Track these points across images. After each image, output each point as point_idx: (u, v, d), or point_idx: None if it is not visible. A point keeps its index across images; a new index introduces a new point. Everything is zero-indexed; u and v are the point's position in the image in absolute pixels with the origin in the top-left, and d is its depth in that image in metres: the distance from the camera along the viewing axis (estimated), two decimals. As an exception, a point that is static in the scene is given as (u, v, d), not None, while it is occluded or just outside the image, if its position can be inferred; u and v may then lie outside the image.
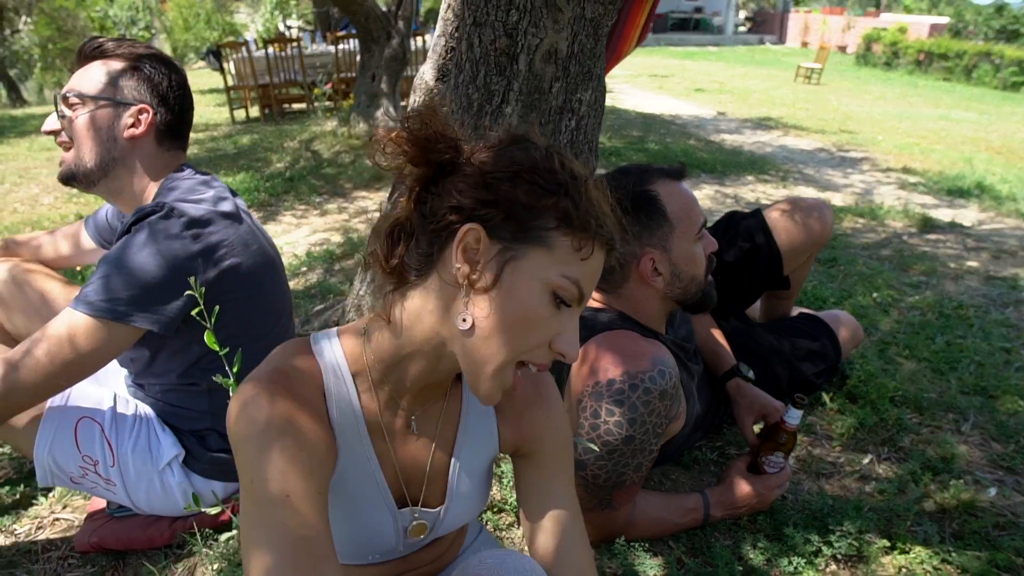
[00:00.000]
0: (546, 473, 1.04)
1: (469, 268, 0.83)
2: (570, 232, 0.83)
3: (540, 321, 0.83)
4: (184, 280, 1.36)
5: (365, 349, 0.92)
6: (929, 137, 9.29)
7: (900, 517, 1.75)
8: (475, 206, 0.82)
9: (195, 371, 1.54)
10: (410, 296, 0.88)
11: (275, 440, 0.80)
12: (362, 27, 7.13)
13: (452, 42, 1.86)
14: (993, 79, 17.55)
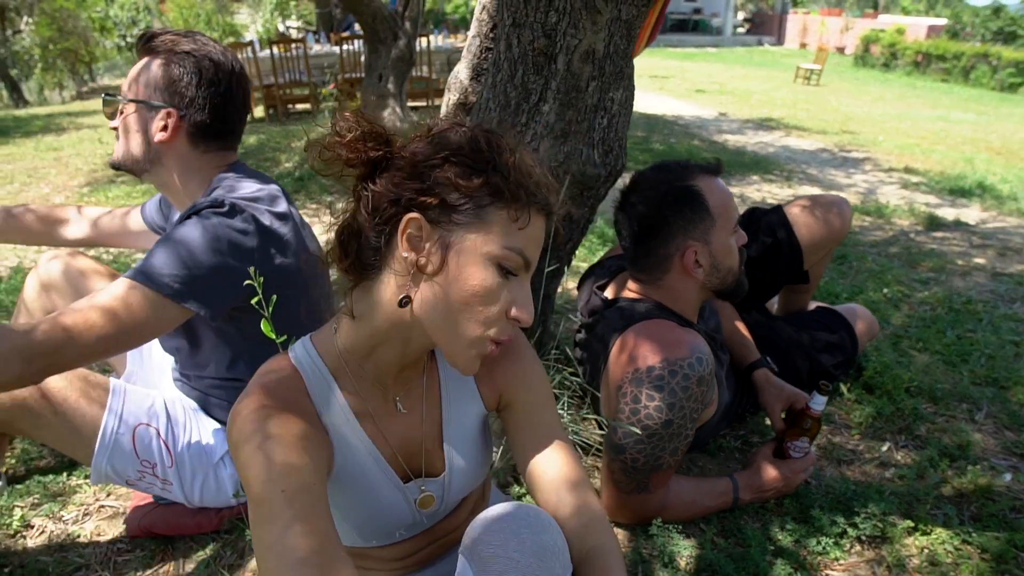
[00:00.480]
0: (528, 414, 1.10)
1: (415, 255, 0.89)
2: (504, 205, 0.89)
3: (491, 293, 0.89)
4: (234, 273, 1.41)
5: (337, 346, 0.99)
6: (929, 138, 9.37)
7: (920, 501, 1.81)
8: (411, 196, 0.88)
9: (239, 367, 1.59)
10: (368, 289, 0.95)
11: (266, 443, 0.85)
12: (369, 28, 7.18)
13: (487, 42, 1.93)
14: (991, 80, 17.66)
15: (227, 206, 1.43)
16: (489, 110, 1.74)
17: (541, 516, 0.93)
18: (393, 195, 0.89)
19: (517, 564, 0.87)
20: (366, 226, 0.92)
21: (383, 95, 7.45)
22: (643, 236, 1.61)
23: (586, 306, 1.80)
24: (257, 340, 1.54)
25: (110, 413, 1.50)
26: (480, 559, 0.89)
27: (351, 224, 0.94)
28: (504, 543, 0.89)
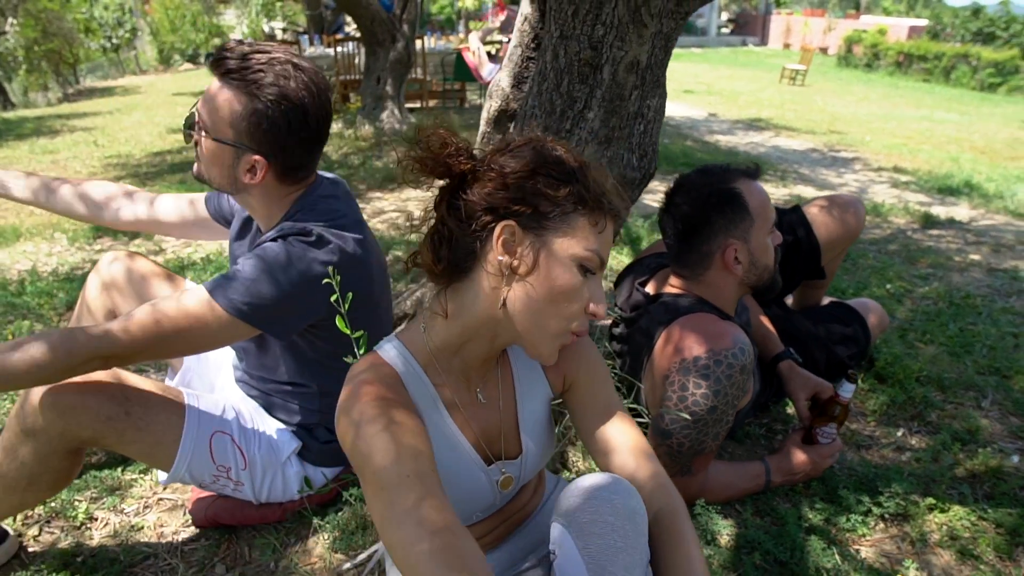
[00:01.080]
0: (592, 392, 1.21)
1: (510, 258, 1.00)
2: (586, 212, 1.01)
3: (574, 291, 1.01)
4: (311, 302, 1.48)
5: (428, 343, 1.09)
6: (915, 137, 9.59)
7: (936, 481, 1.94)
8: (506, 205, 0.99)
9: (307, 373, 1.67)
10: (460, 290, 1.05)
11: (391, 427, 0.94)
12: (367, 30, 7.26)
13: (528, 52, 2.03)
14: (971, 80, 17.99)
15: (315, 236, 1.47)
16: (535, 116, 1.84)
17: (626, 483, 1.04)
18: (487, 204, 1.00)
19: (613, 527, 0.98)
20: (458, 232, 1.02)
21: (381, 97, 7.54)
22: (687, 234, 1.72)
23: (627, 301, 1.91)
24: (325, 353, 1.63)
25: (188, 426, 1.56)
26: (578, 525, 0.99)
27: (441, 231, 1.05)
28: (599, 509, 0.99)
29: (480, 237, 1.01)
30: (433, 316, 1.10)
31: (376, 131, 7.32)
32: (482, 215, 1.00)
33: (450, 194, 1.03)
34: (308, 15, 13.44)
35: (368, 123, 7.42)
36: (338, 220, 1.55)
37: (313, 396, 1.70)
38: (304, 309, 1.50)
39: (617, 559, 0.96)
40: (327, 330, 1.57)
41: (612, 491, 1.01)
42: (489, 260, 1.01)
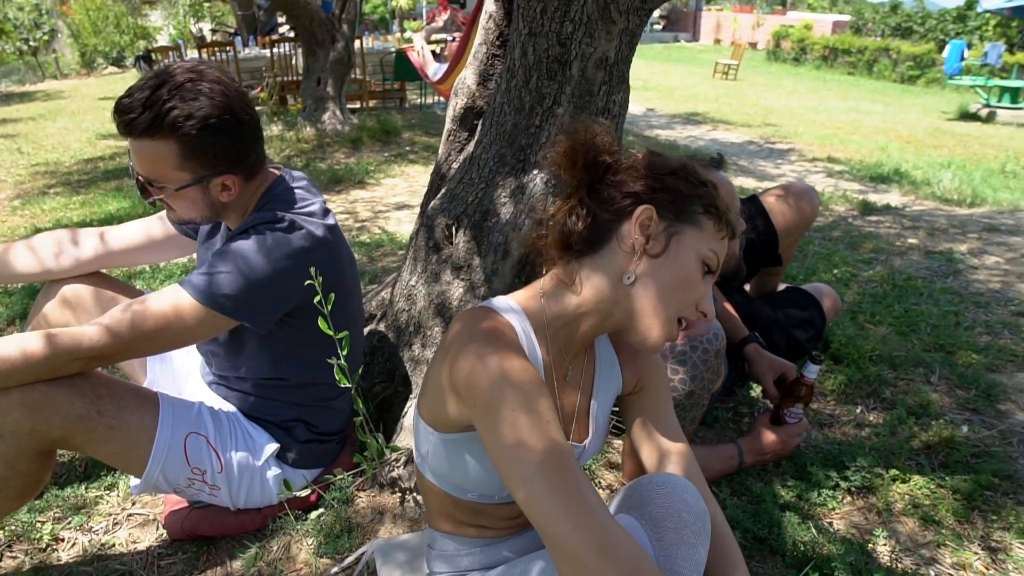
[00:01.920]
0: (656, 401, 1.27)
1: (644, 239, 1.07)
2: (713, 216, 1.10)
3: (694, 283, 1.08)
4: (289, 289, 1.49)
5: (544, 310, 1.13)
6: (845, 128, 9.96)
7: (896, 454, 2.03)
8: (646, 191, 1.09)
9: (283, 366, 1.65)
10: (590, 263, 1.11)
11: (535, 392, 0.94)
12: (306, 30, 7.16)
13: (493, 49, 2.05)
14: (892, 73, 18.76)
15: (286, 222, 1.49)
16: (504, 113, 1.85)
17: (693, 486, 1.09)
18: (630, 189, 1.09)
19: (687, 523, 1.03)
20: (598, 210, 1.10)
21: (322, 98, 7.44)
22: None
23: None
24: (300, 343, 1.63)
25: (163, 425, 1.52)
26: (652, 518, 1.03)
27: (579, 210, 1.11)
28: (673, 505, 1.04)
29: (620, 215, 1.09)
30: (556, 284, 1.14)
31: (318, 133, 7.22)
32: (623, 198, 1.09)
33: (594, 180, 1.12)
34: (240, 15, 13.12)
35: (309, 125, 7.31)
36: (306, 207, 1.57)
37: (291, 389, 1.68)
38: (281, 296, 1.49)
39: (688, 555, 1.00)
40: (303, 318, 1.57)
41: (685, 490, 1.06)
42: (623, 238, 1.08)
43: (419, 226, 2.09)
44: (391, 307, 2.13)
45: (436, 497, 1.22)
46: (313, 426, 1.73)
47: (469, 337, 1.01)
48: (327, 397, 1.73)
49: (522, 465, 0.88)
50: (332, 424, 1.78)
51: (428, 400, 1.12)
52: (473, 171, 1.94)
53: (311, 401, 1.71)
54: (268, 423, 1.71)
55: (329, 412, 1.75)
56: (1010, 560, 1.70)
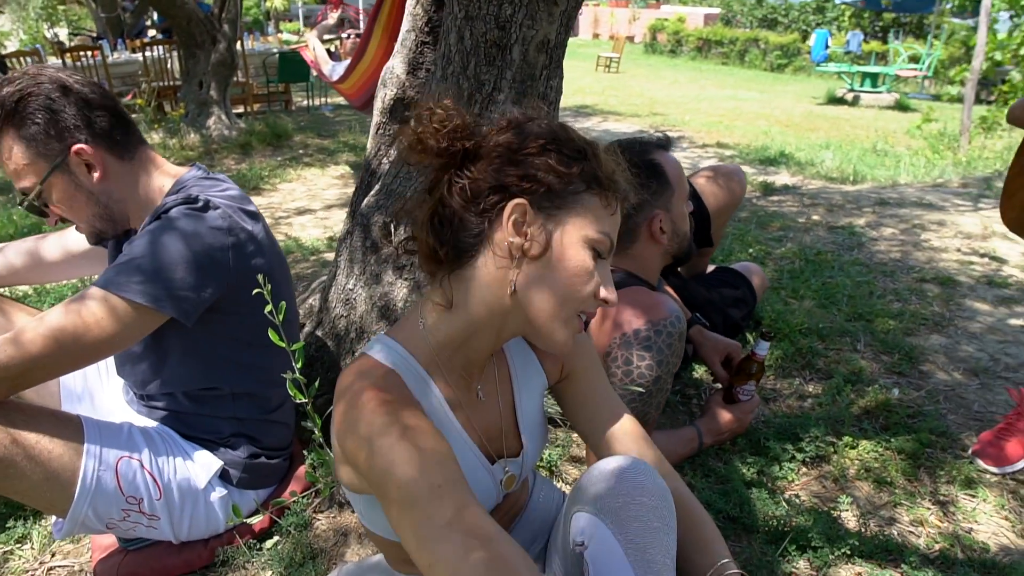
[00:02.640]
0: (589, 384, 1.19)
1: (521, 239, 0.94)
2: (598, 191, 0.97)
3: (587, 273, 0.96)
4: (213, 272, 1.36)
5: (428, 339, 1.01)
6: (728, 115, 10.37)
7: (841, 421, 2.09)
8: (515, 183, 0.93)
9: (213, 374, 1.51)
10: (465, 277, 0.98)
11: (408, 434, 0.85)
12: (183, 31, 6.75)
13: (422, 36, 1.95)
14: (762, 62, 19.75)
15: (201, 202, 1.38)
16: (441, 103, 1.77)
17: (648, 464, 1.00)
18: (493, 182, 0.93)
19: (649, 508, 0.94)
20: (463, 212, 0.95)
21: (206, 103, 7.04)
22: (613, 210, 1.73)
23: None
24: (229, 346, 1.49)
25: (88, 453, 1.35)
26: (611, 510, 0.94)
27: (442, 212, 0.97)
28: (630, 492, 0.95)
29: (488, 218, 0.94)
30: (433, 308, 1.01)
31: (204, 139, 6.83)
32: (490, 194, 0.94)
33: (453, 172, 0.96)
34: (103, 18, 12.27)
35: (194, 131, 6.91)
36: (225, 191, 1.46)
37: (225, 400, 1.54)
38: (205, 280, 1.35)
39: (657, 540, 0.93)
40: (231, 313, 1.44)
41: (640, 472, 0.98)
42: (497, 242, 0.94)
43: (352, 226, 1.98)
44: (326, 314, 2.00)
45: (391, 547, 1.12)
46: (257, 440, 1.59)
47: (345, 401, 0.93)
48: (268, 409, 1.60)
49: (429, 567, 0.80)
50: (277, 438, 1.64)
51: (339, 466, 1.01)
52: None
53: (250, 414, 1.57)
54: (206, 441, 1.55)
55: (272, 426, 1.62)
56: (959, 511, 1.77)
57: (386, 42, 4.18)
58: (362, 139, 6.95)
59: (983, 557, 1.62)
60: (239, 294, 1.42)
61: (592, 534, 0.95)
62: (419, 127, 0.95)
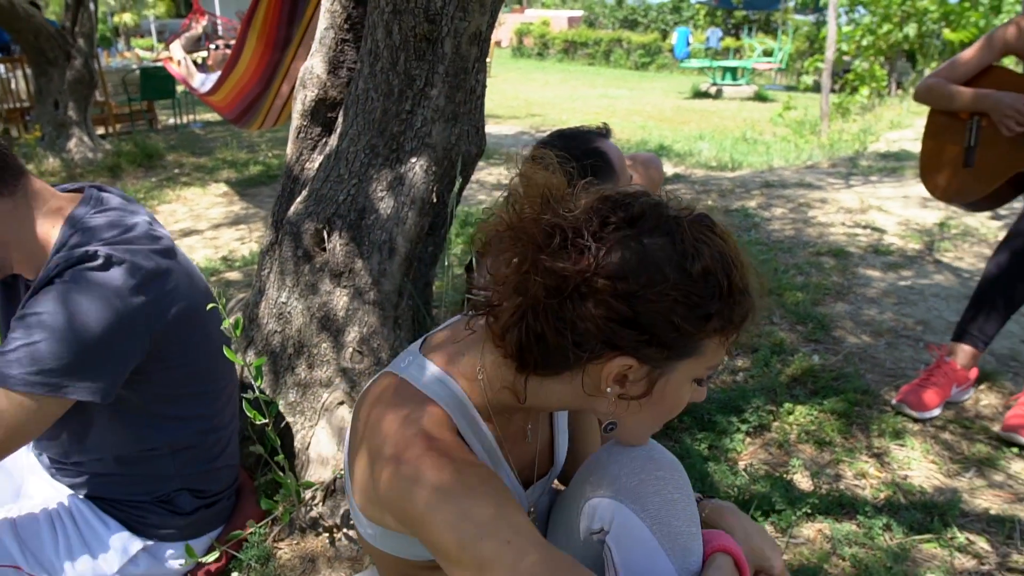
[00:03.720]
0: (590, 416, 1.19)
1: (620, 387, 0.84)
2: (722, 335, 0.83)
3: (683, 404, 0.91)
4: (127, 341, 1.19)
5: (486, 393, 0.92)
6: (602, 112, 10.69)
7: (774, 390, 2.19)
8: (629, 344, 0.79)
9: (150, 435, 1.34)
10: (545, 382, 0.87)
11: (469, 495, 0.78)
12: (32, 47, 6.23)
13: (342, 33, 1.88)
14: (627, 61, 20.48)
15: (100, 259, 1.17)
16: (371, 99, 1.70)
17: (651, 440, 0.99)
18: (607, 337, 0.79)
19: (665, 480, 0.93)
20: (557, 343, 0.82)
21: (63, 124, 6.53)
22: (559, 200, 1.72)
23: (493, 280, 1.86)
24: (163, 399, 1.34)
25: None
26: (628, 490, 0.92)
27: (533, 326, 0.82)
28: (643, 467, 0.94)
29: (588, 359, 0.82)
30: (496, 371, 0.90)
31: (65, 163, 6.32)
32: (600, 347, 0.80)
33: (555, 299, 0.79)
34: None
35: (52, 155, 6.38)
36: (123, 233, 1.24)
37: (163, 458, 1.37)
38: (121, 351, 1.19)
39: (678, 511, 0.92)
40: (157, 372, 1.28)
41: (650, 447, 0.97)
42: (589, 372, 0.83)
43: (278, 237, 1.87)
44: (257, 331, 1.88)
45: (390, 563, 1.04)
46: (201, 492, 1.44)
47: (394, 446, 0.83)
48: (212, 457, 1.44)
49: None
50: (223, 482, 1.50)
51: (361, 496, 0.94)
52: (341, 167, 1.76)
53: (193, 467, 1.41)
54: (138, 503, 1.38)
55: (217, 472, 1.47)
56: (893, 461, 1.89)
57: (261, 50, 4.00)
58: (240, 155, 6.65)
59: (923, 499, 1.73)
60: (163, 349, 1.26)
61: (611, 518, 0.93)
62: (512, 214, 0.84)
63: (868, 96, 8.66)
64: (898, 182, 4.71)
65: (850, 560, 1.53)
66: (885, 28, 9.12)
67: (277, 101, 4.28)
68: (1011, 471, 1.86)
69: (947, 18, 9.00)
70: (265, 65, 4.01)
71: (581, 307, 0.79)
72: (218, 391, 1.43)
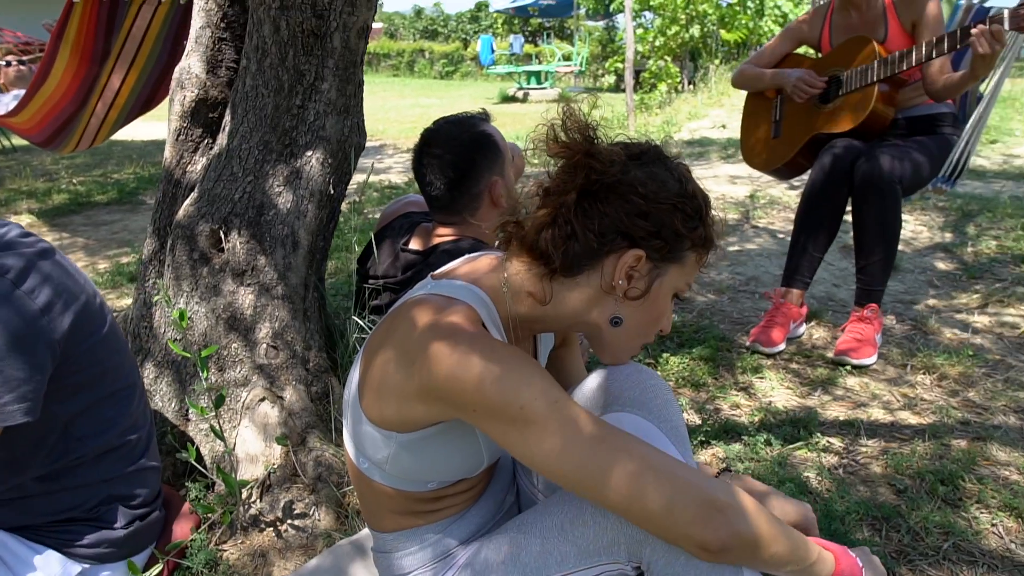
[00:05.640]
0: (572, 349, 1.34)
1: (627, 284, 1.00)
2: (700, 250, 1.03)
3: (665, 315, 1.07)
4: (36, 347, 1.14)
5: (509, 306, 1.05)
6: (419, 120, 10.82)
7: (646, 347, 2.42)
8: (643, 236, 0.98)
9: (73, 445, 1.28)
10: (565, 286, 1.02)
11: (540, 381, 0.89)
12: None
13: (219, 32, 1.85)
14: (431, 71, 20.79)
15: None
16: (261, 96, 1.70)
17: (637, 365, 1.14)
18: (623, 228, 0.97)
19: (659, 386, 1.09)
20: (586, 240, 0.98)
21: None
22: (458, 181, 1.80)
23: (394, 265, 1.91)
24: (85, 405, 1.28)
25: None
26: (634, 400, 1.05)
27: (564, 226, 0.99)
28: (639, 380, 1.08)
29: (606, 251, 0.98)
30: (522, 289, 1.03)
31: None
32: (618, 238, 0.97)
33: (584, 200, 0.98)
34: None
35: None
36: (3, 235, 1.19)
37: (87, 466, 1.30)
38: (33, 362, 1.13)
39: (673, 408, 1.07)
40: (70, 373, 1.23)
41: (636, 363, 1.11)
42: (604, 272, 1.00)
43: (173, 241, 1.79)
44: (154, 342, 1.81)
45: (387, 498, 1.10)
46: (127, 499, 1.37)
47: (436, 335, 0.92)
48: (135, 457, 1.38)
49: (590, 472, 0.86)
50: (149, 487, 1.42)
51: (380, 405, 1.00)
52: (233, 165, 1.75)
53: (117, 469, 1.35)
54: (66, 523, 1.31)
55: (141, 474, 1.40)
56: (757, 391, 2.18)
57: (76, 64, 3.71)
58: (38, 184, 6.05)
59: (788, 417, 2.02)
60: (69, 351, 1.21)
61: (624, 428, 1.01)
62: (580, 146, 0.99)
63: (667, 92, 9.54)
64: (707, 164, 5.26)
65: (744, 471, 1.76)
66: (674, 29, 10.08)
67: (93, 120, 3.97)
68: (848, 385, 2.21)
69: (723, 20, 10.14)
70: (80, 81, 3.72)
71: (606, 204, 0.97)
72: (131, 388, 1.38)
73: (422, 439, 1.01)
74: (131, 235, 4.28)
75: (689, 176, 1.03)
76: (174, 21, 3.63)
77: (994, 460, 1.80)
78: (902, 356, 2.36)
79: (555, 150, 1.01)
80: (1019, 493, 1.66)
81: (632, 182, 0.98)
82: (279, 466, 1.60)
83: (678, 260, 1.01)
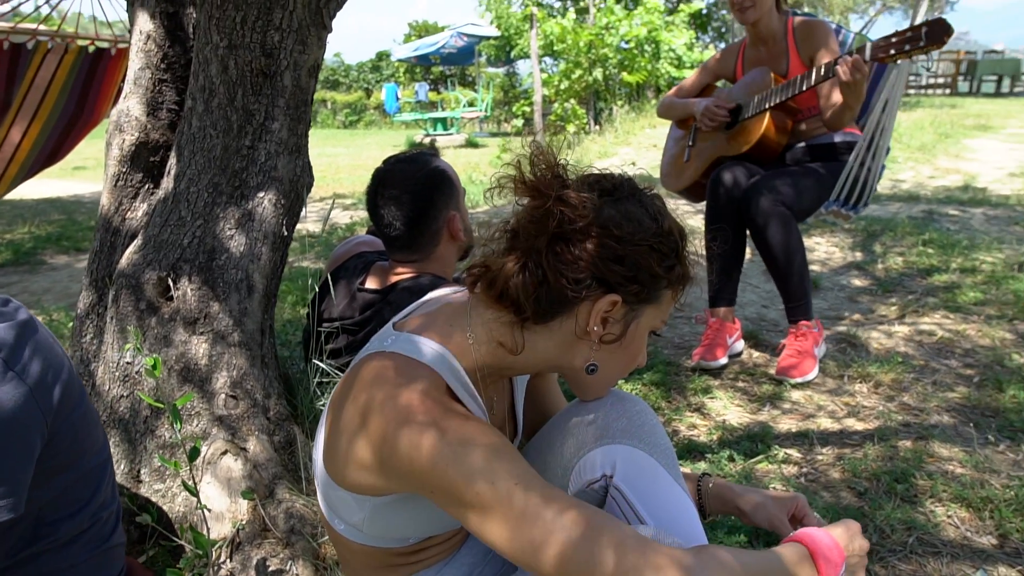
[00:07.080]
0: (549, 379, 1.33)
1: (602, 330, 0.98)
2: (676, 287, 1.02)
3: (641, 352, 1.07)
4: (26, 435, 1.04)
5: (476, 356, 1.00)
6: (328, 170, 10.69)
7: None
8: (619, 281, 0.94)
9: (44, 529, 1.16)
10: (536, 332, 0.99)
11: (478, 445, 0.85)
12: None
13: (160, 73, 1.79)
14: (334, 120, 20.68)
15: None
16: (209, 137, 1.65)
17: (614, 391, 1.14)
18: (597, 273, 0.93)
19: (642, 411, 1.09)
20: (559, 286, 0.94)
21: None
22: (416, 219, 1.78)
23: (351, 306, 1.87)
24: (60, 487, 1.17)
25: None
26: (620, 431, 1.04)
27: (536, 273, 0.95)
28: (622, 409, 1.08)
29: (580, 298, 0.95)
30: (487, 333, 0.99)
31: None
32: (592, 283, 0.94)
33: (557, 244, 0.93)
34: None
35: None
36: None
37: (54, 552, 1.19)
38: (19, 454, 1.03)
39: (660, 431, 1.08)
40: (49, 456, 1.12)
41: (612, 395, 1.10)
42: (578, 320, 0.97)
43: (116, 292, 1.69)
44: (98, 400, 1.69)
45: (367, 556, 1.07)
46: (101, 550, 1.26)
47: (394, 413, 0.88)
48: (104, 536, 1.26)
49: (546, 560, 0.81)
50: (114, 564, 1.30)
51: (346, 472, 0.96)
52: (181, 209, 1.68)
53: (87, 553, 1.23)
54: None
55: (108, 553, 1.28)
56: (710, 411, 2.24)
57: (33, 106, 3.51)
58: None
59: (745, 433, 2.08)
60: (56, 427, 1.11)
61: (613, 461, 1.02)
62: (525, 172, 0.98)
63: (576, 132, 9.82)
64: (622, 199, 5.43)
65: (714, 488, 1.79)
66: (578, 73, 10.46)
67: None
68: (794, 399, 2.30)
69: (623, 63, 10.60)
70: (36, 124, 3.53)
71: (579, 248, 0.93)
72: (105, 464, 1.29)
73: (397, 500, 0.98)
74: (34, 296, 4.01)
75: (665, 211, 1.00)
76: (82, 70, 3.50)
77: (938, 456, 1.91)
78: (838, 368, 2.48)
79: (523, 192, 0.98)
80: (967, 485, 1.76)
81: (606, 223, 0.94)
82: (247, 521, 1.52)
83: (654, 300, 0.99)
